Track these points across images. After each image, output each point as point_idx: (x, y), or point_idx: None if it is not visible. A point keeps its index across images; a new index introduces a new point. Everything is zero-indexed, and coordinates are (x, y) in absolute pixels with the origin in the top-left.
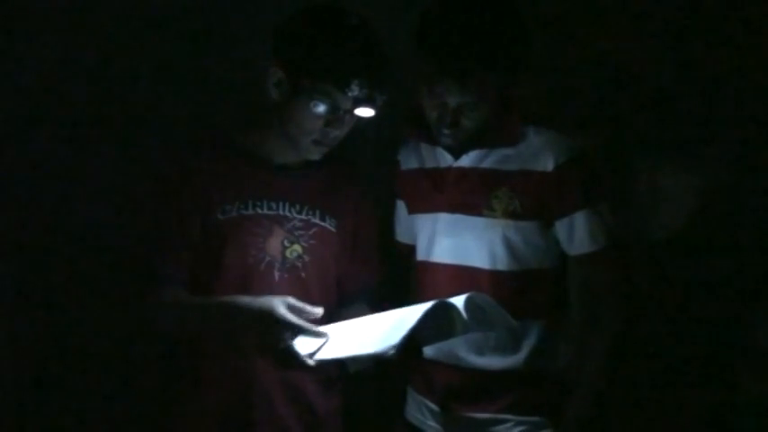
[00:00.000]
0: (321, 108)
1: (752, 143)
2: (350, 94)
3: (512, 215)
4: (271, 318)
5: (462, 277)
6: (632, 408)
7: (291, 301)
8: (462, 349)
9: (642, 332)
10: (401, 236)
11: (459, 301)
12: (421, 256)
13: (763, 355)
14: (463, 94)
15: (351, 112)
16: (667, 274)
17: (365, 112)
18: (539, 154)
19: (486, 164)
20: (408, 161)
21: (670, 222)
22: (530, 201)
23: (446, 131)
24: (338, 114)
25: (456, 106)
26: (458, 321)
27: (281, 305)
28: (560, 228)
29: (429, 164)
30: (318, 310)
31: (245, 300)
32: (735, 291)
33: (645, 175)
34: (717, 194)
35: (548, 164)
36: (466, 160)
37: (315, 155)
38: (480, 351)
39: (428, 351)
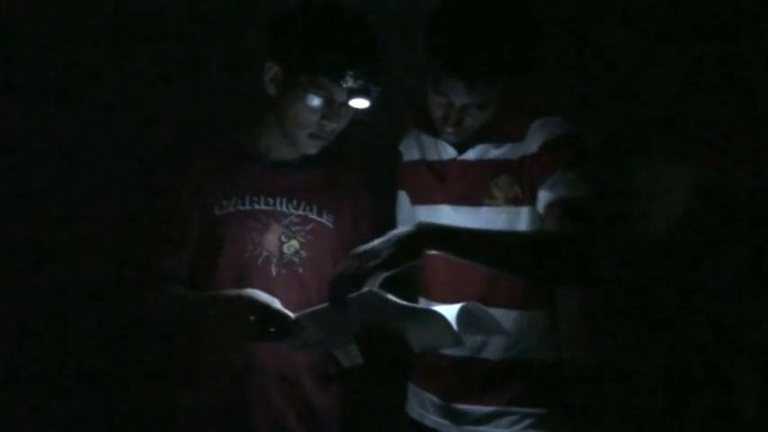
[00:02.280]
0: (317, 101)
1: (750, 141)
2: (344, 85)
3: (513, 201)
4: (242, 299)
5: (463, 269)
6: (630, 406)
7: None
8: (466, 338)
9: (639, 329)
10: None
11: (452, 312)
12: None
13: (760, 352)
14: (470, 96)
15: (346, 104)
16: (665, 271)
17: (360, 103)
18: (532, 138)
19: (490, 156)
20: (410, 152)
21: (668, 220)
22: (527, 185)
23: (449, 129)
24: (334, 107)
25: (461, 106)
26: (449, 335)
27: (258, 292)
28: (540, 198)
29: (431, 156)
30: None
31: (230, 291)
32: (732, 288)
33: (643, 174)
34: (714, 193)
35: (536, 145)
36: (471, 153)
37: (312, 149)
38: (485, 341)
39: None
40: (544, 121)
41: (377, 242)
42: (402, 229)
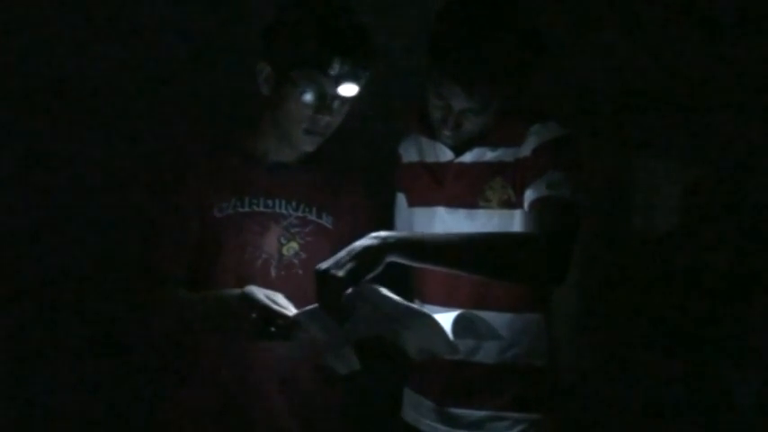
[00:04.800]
0: (309, 95)
1: (750, 141)
2: (332, 73)
3: (506, 204)
4: (244, 296)
5: (458, 272)
6: (627, 405)
7: (273, 294)
8: (459, 343)
9: (638, 328)
10: (401, 228)
11: (448, 320)
12: None
13: (758, 351)
14: (468, 101)
15: (339, 97)
16: (664, 271)
17: (349, 89)
18: (527, 142)
19: (486, 159)
20: (409, 154)
21: (667, 220)
22: (519, 187)
23: (447, 133)
24: (326, 100)
25: (460, 110)
26: (444, 342)
27: (258, 290)
28: (525, 197)
29: (429, 158)
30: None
31: (231, 291)
32: (730, 288)
33: (643, 174)
34: (714, 193)
35: (530, 148)
36: (468, 156)
37: (308, 145)
38: (478, 344)
39: None
40: (540, 125)
41: (338, 256)
42: (362, 240)
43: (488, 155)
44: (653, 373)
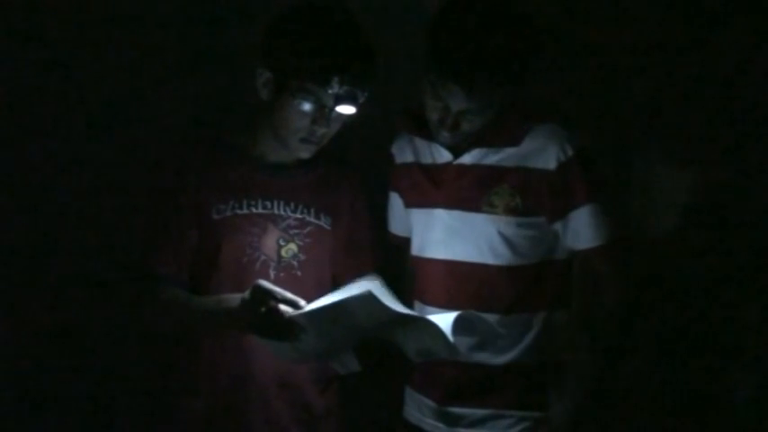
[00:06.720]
0: (306, 106)
1: (750, 142)
2: (331, 91)
3: (513, 211)
4: (254, 289)
5: (456, 273)
6: (624, 403)
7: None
8: (460, 343)
9: (636, 328)
10: (395, 228)
11: (448, 322)
12: (415, 251)
13: (755, 351)
14: (468, 102)
15: (335, 109)
16: (663, 271)
17: (346, 109)
18: (541, 151)
19: (488, 161)
20: (403, 155)
21: (667, 220)
22: (531, 198)
23: (445, 134)
24: (324, 112)
25: (458, 111)
26: (443, 344)
27: (268, 283)
28: (564, 224)
29: (425, 159)
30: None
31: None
32: (729, 288)
33: (643, 174)
34: (713, 193)
35: (549, 162)
36: (467, 158)
37: (304, 153)
38: (481, 345)
39: None
40: (549, 131)
41: None
42: None
43: (490, 157)
44: (652, 373)
